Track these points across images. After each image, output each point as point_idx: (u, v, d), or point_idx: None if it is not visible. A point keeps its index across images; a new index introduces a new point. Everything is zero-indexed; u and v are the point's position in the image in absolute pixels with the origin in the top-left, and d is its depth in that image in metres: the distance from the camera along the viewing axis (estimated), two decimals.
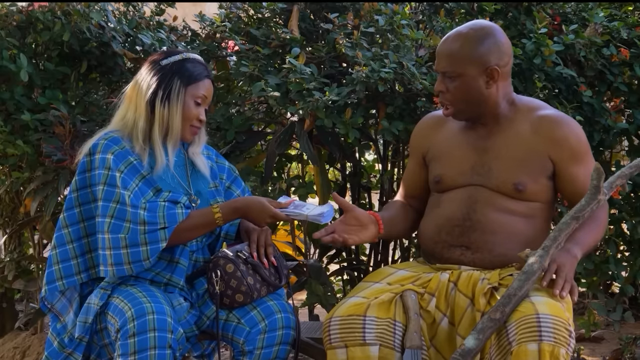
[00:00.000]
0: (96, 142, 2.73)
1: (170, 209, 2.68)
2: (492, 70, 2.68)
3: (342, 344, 2.58)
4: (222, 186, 2.94)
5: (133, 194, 2.67)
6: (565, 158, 2.70)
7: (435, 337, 2.62)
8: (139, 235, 2.63)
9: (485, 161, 2.74)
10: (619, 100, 3.90)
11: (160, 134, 2.75)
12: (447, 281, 2.65)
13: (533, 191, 2.70)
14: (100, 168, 2.68)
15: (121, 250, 2.64)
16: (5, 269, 4.14)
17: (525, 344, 2.38)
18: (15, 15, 3.55)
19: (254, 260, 2.79)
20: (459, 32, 2.72)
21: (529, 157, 2.71)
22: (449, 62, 2.70)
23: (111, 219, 2.65)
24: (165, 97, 2.73)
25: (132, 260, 2.64)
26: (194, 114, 2.78)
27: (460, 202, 2.72)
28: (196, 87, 2.77)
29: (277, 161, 3.77)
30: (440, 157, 2.82)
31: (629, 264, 3.90)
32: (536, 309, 2.42)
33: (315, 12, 3.77)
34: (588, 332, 4.17)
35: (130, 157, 2.72)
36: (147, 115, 2.74)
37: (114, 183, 2.66)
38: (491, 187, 2.71)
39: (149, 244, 2.64)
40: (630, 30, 3.82)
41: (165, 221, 2.66)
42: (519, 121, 2.75)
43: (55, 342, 2.77)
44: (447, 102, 2.74)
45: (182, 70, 2.76)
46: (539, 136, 2.71)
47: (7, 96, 3.50)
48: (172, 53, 2.82)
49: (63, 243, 2.76)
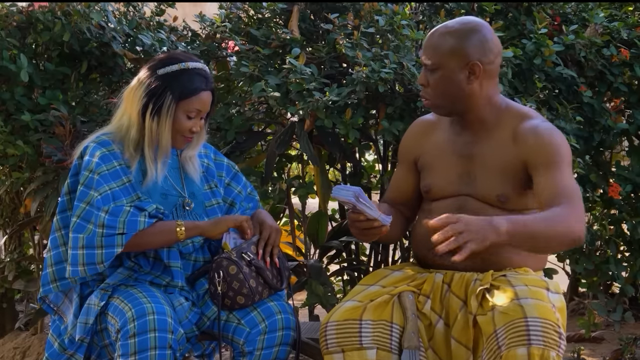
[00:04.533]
0: (86, 145, 2.73)
1: (133, 216, 2.65)
2: (474, 65, 2.62)
3: (339, 349, 2.57)
4: (222, 184, 2.93)
5: (102, 196, 2.64)
6: (540, 164, 2.60)
7: (433, 339, 2.61)
8: (97, 237, 2.62)
9: (470, 169, 2.70)
10: (619, 101, 3.91)
11: (150, 147, 2.72)
12: (441, 283, 2.65)
13: (517, 202, 2.65)
14: (84, 170, 2.69)
15: (78, 250, 2.63)
16: (5, 269, 4.14)
17: (514, 348, 2.35)
18: (16, 15, 3.55)
19: (258, 263, 2.78)
20: (446, 26, 2.69)
21: (510, 167, 2.65)
22: (432, 54, 2.66)
23: (77, 218, 2.65)
24: (155, 111, 2.69)
25: (86, 262, 2.63)
26: (185, 127, 2.73)
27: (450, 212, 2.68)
28: (189, 102, 2.71)
29: (277, 161, 3.77)
30: (430, 166, 2.79)
31: (629, 264, 3.91)
32: (524, 312, 2.39)
33: (315, 12, 3.77)
34: (588, 333, 4.17)
35: (114, 162, 2.70)
36: (138, 125, 2.71)
37: (90, 185, 2.66)
38: (477, 198, 2.68)
39: (104, 247, 2.62)
40: (631, 31, 3.83)
41: (125, 227, 2.63)
42: (503, 128, 2.68)
43: (56, 343, 2.77)
44: (427, 95, 2.70)
45: (177, 84, 2.70)
46: (517, 145, 2.65)
47: (8, 96, 3.50)
48: (171, 61, 2.74)
49: (57, 245, 2.77)
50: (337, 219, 4.15)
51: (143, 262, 2.76)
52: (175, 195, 2.79)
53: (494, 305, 2.48)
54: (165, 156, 2.76)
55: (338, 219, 4.14)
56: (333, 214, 4.19)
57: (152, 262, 2.77)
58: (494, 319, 2.45)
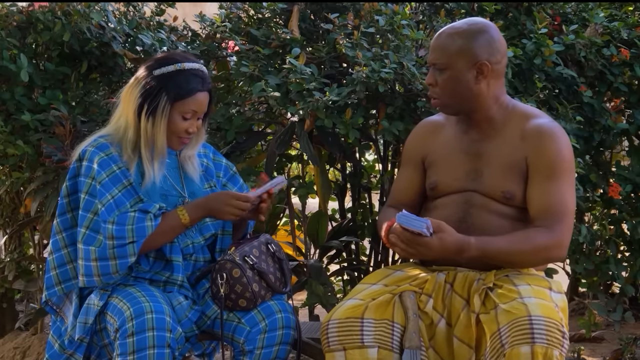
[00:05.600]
0: (84, 149, 2.72)
1: (140, 222, 2.65)
2: (482, 65, 2.65)
3: (340, 347, 2.57)
4: (219, 184, 2.93)
5: (105, 207, 2.64)
6: (536, 168, 2.65)
7: (434, 338, 2.62)
8: (108, 250, 2.62)
9: (477, 167, 2.72)
10: (619, 101, 3.91)
11: (147, 147, 2.71)
12: (444, 282, 2.65)
13: (522, 199, 2.67)
14: (85, 176, 2.68)
15: (91, 262, 2.64)
16: (5, 269, 4.14)
17: (517, 346, 2.37)
18: (16, 15, 3.55)
19: (261, 266, 2.78)
20: (453, 26, 2.71)
21: (516, 165, 2.67)
22: (440, 54, 2.68)
23: (86, 229, 2.65)
24: (150, 111, 2.68)
25: (101, 273, 2.64)
26: (181, 128, 2.72)
27: (456, 206, 2.71)
28: (184, 103, 2.70)
29: (277, 161, 3.78)
30: (437, 164, 2.80)
31: (629, 264, 3.91)
32: (528, 311, 2.41)
33: (315, 12, 3.77)
34: (588, 333, 4.17)
35: (114, 166, 2.69)
36: (135, 126, 2.71)
37: (94, 193, 2.66)
38: (483, 193, 2.70)
39: (117, 258, 2.63)
40: (631, 31, 3.83)
41: (134, 235, 2.63)
42: (511, 127, 2.71)
43: (56, 344, 2.77)
44: (435, 95, 2.72)
45: (172, 85, 2.69)
46: (524, 143, 2.68)
47: (8, 96, 3.50)
48: (168, 62, 2.73)
49: (58, 248, 2.76)
50: (337, 219, 4.15)
51: (143, 262, 2.76)
52: (175, 195, 2.79)
53: (497, 304, 2.49)
54: (162, 156, 2.75)
55: (338, 219, 4.14)
56: (333, 214, 4.19)
57: (152, 262, 2.77)
58: (498, 318, 2.46)
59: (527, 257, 2.62)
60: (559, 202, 2.62)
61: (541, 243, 2.59)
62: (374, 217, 3.91)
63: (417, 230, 2.50)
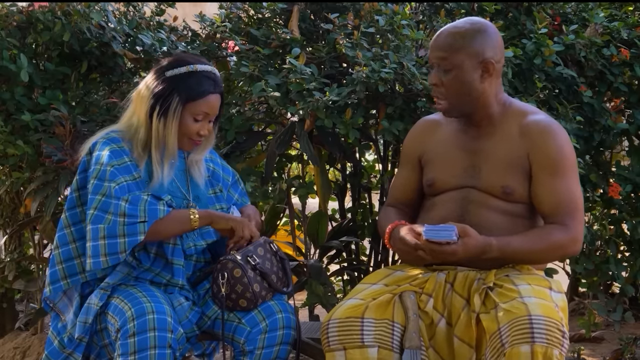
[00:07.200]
0: (96, 141, 2.74)
1: (152, 204, 2.66)
2: (487, 63, 2.66)
3: (340, 347, 2.57)
4: (226, 187, 2.94)
5: (119, 186, 2.65)
6: (541, 166, 2.67)
7: (434, 338, 2.62)
8: (118, 226, 2.62)
9: (475, 163, 2.73)
10: (619, 101, 3.91)
11: (157, 148, 2.72)
12: (444, 282, 2.65)
13: (522, 194, 2.69)
14: (95, 164, 2.69)
15: (99, 241, 2.63)
16: (5, 269, 4.14)
17: (517, 345, 2.38)
18: (16, 15, 3.55)
19: (263, 267, 2.77)
20: (455, 26, 2.72)
21: (516, 161, 2.69)
22: (445, 53, 2.68)
23: (94, 210, 2.64)
24: (162, 112, 2.70)
25: (108, 252, 2.62)
26: (192, 129, 2.74)
27: (454, 203, 2.72)
28: (196, 104, 2.72)
29: (277, 161, 3.77)
30: (434, 161, 2.81)
31: (629, 264, 3.90)
32: (528, 310, 2.42)
33: (315, 12, 3.77)
34: (588, 333, 4.17)
35: (125, 157, 2.71)
36: (146, 126, 2.72)
37: (103, 177, 2.66)
38: (482, 189, 2.71)
39: (127, 235, 2.62)
40: (631, 31, 3.83)
41: (146, 215, 2.64)
42: (509, 124, 2.73)
43: (56, 341, 2.77)
44: (441, 95, 2.72)
45: (184, 86, 2.71)
46: (524, 139, 2.69)
47: (8, 96, 3.49)
48: (180, 63, 2.74)
49: (66, 243, 2.76)
50: (337, 219, 4.15)
51: (143, 258, 2.76)
52: (180, 197, 2.79)
53: (497, 303, 2.50)
54: (172, 158, 2.76)
55: (338, 219, 4.14)
56: (333, 214, 4.19)
57: (152, 258, 2.77)
58: (498, 317, 2.47)
59: (545, 255, 2.68)
60: (569, 199, 2.66)
61: (558, 240, 2.63)
62: (374, 217, 3.91)
63: (446, 240, 2.51)
